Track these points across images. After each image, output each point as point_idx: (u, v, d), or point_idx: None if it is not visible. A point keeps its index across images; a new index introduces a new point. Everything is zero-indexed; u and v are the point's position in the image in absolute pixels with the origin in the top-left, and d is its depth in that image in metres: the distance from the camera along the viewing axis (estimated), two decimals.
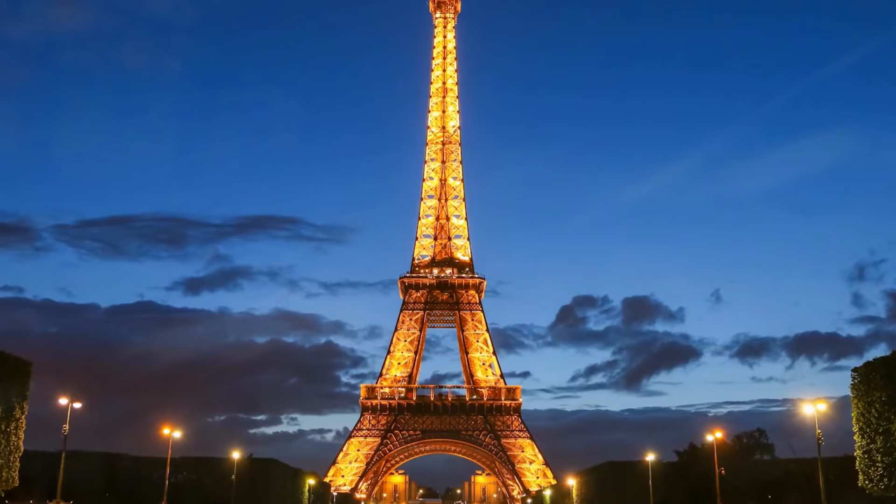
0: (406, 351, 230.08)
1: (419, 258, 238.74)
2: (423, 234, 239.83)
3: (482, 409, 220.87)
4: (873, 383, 48.66)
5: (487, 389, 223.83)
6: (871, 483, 49.34)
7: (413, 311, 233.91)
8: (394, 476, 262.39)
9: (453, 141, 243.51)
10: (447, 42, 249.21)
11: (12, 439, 49.62)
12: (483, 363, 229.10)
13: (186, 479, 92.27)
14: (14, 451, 49.91)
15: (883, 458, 47.57)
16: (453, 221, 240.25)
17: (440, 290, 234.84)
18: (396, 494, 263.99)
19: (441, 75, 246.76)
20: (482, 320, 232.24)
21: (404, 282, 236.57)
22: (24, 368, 51.04)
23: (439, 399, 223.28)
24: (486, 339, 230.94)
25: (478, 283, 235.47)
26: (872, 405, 48.63)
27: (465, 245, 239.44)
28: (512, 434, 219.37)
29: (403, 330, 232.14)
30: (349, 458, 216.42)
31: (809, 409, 55.49)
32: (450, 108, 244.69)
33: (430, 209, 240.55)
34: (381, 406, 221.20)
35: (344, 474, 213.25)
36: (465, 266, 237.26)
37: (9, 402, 48.98)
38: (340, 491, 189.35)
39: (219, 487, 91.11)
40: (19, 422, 50.60)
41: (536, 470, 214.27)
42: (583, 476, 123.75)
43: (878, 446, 48.02)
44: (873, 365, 49.14)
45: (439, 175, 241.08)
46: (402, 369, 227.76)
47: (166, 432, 76.64)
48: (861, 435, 50.13)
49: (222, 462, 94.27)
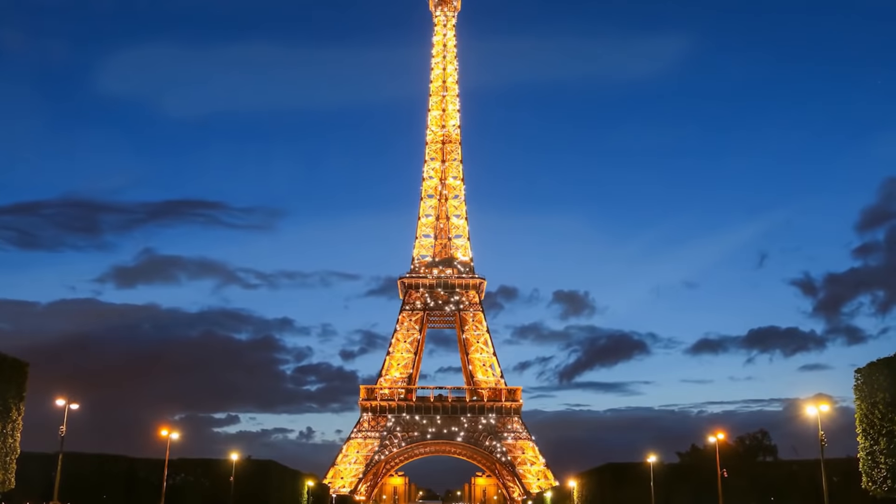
0: (406, 352, 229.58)
1: (419, 258, 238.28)
2: (423, 233, 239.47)
3: (482, 410, 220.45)
4: (877, 384, 48.23)
5: (488, 390, 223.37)
6: (874, 485, 48.94)
7: (413, 312, 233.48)
8: (393, 478, 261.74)
9: (453, 140, 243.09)
10: (447, 40, 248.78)
11: (8, 441, 49.31)
12: (483, 364, 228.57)
13: (184, 480, 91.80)
14: (11, 453, 49.57)
15: (886, 460, 47.17)
16: (453, 221, 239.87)
17: (440, 291, 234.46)
18: (396, 496, 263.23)
19: (441, 74, 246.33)
20: (482, 321, 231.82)
21: (404, 282, 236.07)
22: (20, 369, 50.80)
23: (439, 400, 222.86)
24: (487, 339, 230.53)
25: (478, 284, 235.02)
26: (876, 406, 48.21)
27: (466, 245, 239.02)
28: (512, 435, 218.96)
29: (403, 330, 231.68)
30: (348, 460, 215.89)
31: (812, 409, 55.14)
32: (450, 107, 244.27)
33: (429, 209, 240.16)
34: (380, 407, 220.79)
35: (343, 476, 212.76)
36: (465, 266, 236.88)
37: (5, 404, 48.65)
38: (340, 493, 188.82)
39: (217, 489, 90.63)
40: (16, 423, 50.29)
41: (537, 471, 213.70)
42: (584, 478, 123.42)
43: (881, 448, 47.62)
44: (876, 366, 48.71)
45: (439, 174, 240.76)
46: (402, 370, 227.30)
47: (164, 434, 76.34)
48: (864, 436, 49.71)
49: (220, 463, 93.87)
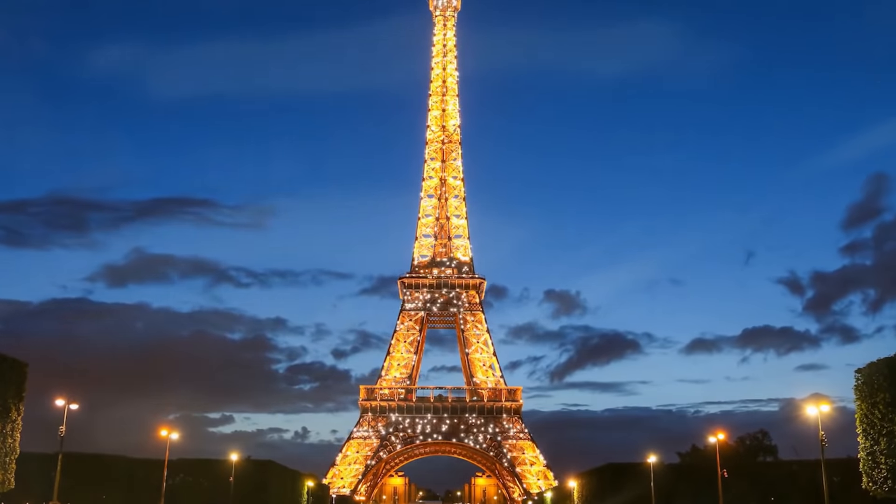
0: (406, 352, 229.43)
1: (419, 258, 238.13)
2: (423, 233, 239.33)
3: (482, 411, 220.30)
4: (877, 384, 48.16)
5: (488, 391, 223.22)
6: (874, 485, 48.89)
7: (413, 312, 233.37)
8: (393, 478, 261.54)
9: (453, 140, 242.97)
10: (447, 40, 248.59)
11: (8, 441, 49.25)
12: (483, 364, 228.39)
13: (183, 481, 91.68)
14: (10, 454, 49.51)
15: (887, 461, 47.11)
16: (453, 221, 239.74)
17: (440, 291, 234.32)
18: (396, 496, 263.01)
19: (441, 73, 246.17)
20: (482, 321, 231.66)
21: (404, 282, 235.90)
22: (20, 369, 50.73)
23: (439, 400, 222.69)
24: (487, 339, 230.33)
25: (478, 284, 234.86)
26: (876, 406, 48.15)
27: (466, 245, 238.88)
28: (513, 435, 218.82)
29: (403, 331, 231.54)
30: (348, 460, 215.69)
31: (812, 409, 55.08)
32: (450, 107, 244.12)
33: (429, 209, 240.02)
34: (380, 407, 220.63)
35: (343, 476, 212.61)
36: (465, 266, 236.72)
37: (5, 404, 48.58)
38: (340, 493, 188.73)
39: (217, 490, 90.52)
40: (15, 423, 50.23)
41: (537, 472, 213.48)
42: (584, 478, 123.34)
43: (881, 448, 47.56)
44: (877, 366, 48.64)
45: (439, 174, 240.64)
46: (402, 370, 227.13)
47: (164, 434, 76.29)
48: (864, 436, 49.65)
49: (220, 464, 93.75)
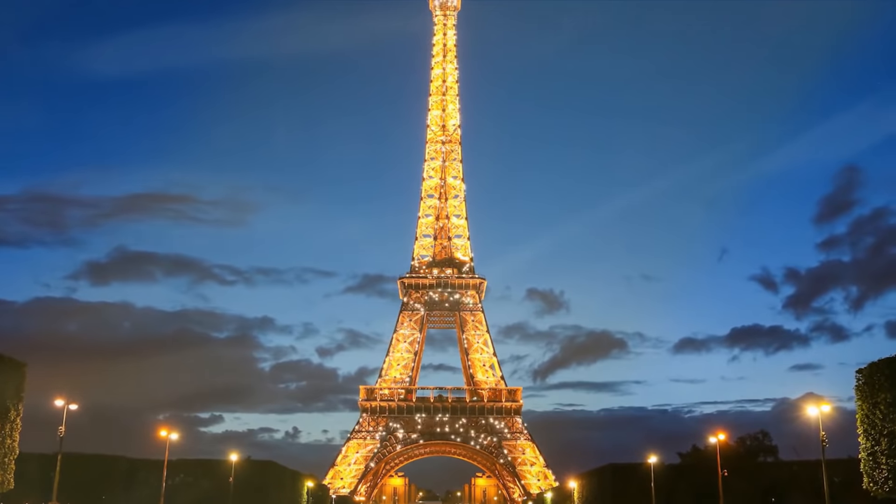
0: (406, 352, 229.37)
1: (419, 258, 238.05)
2: (423, 233, 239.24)
3: (482, 411, 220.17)
4: (878, 384, 48.00)
5: (488, 391, 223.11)
6: (875, 485, 48.73)
7: (413, 312, 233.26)
8: (393, 478, 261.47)
9: (453, 140, 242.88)
10: (447, 40, 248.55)
11: (7, 441, 49.11)
12: (484, 364, 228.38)
13: (183, 481, 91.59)
14: (9, 454, 49.37)
15: (888, 461, 46.96)
16: (453, 221, 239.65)
17: (440, 291, 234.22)
18: (396, 497, 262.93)
19: (441, 73, 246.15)
20: (483, 321, 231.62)
21: (404, 282, 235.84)
22: (18, 369, 50.60)
23: (439, 400, 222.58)
24: (487, 339, 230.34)
25: (478, 284, 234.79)
26: (877, 407, 47.98)
27: (466, 245, 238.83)
28: (513, 436, 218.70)
29: (403, 331, 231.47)
30: (348, 461, 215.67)
31: (813, 410, 54.93)
32: (450, 107, 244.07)
33: (429, 209, 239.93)
34: (380, 408, 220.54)
35: (343, 476, 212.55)
36: (465, 266, 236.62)
37: (3, 404, 48.45)
38: (339, 493, 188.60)
39: (216, 490, 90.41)
40: (14, 423, 50.09)
41: (537, 472, 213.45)
42: (584, 478, 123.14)
43: (882, 448, 47.40)
44: (878, 366, 48.48)
45: (439, 174, 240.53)
46: (402, 371, 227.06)
47: (163, 434, 76.22)
48: (865, 437, 49.50)
49: (220, 464, 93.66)
